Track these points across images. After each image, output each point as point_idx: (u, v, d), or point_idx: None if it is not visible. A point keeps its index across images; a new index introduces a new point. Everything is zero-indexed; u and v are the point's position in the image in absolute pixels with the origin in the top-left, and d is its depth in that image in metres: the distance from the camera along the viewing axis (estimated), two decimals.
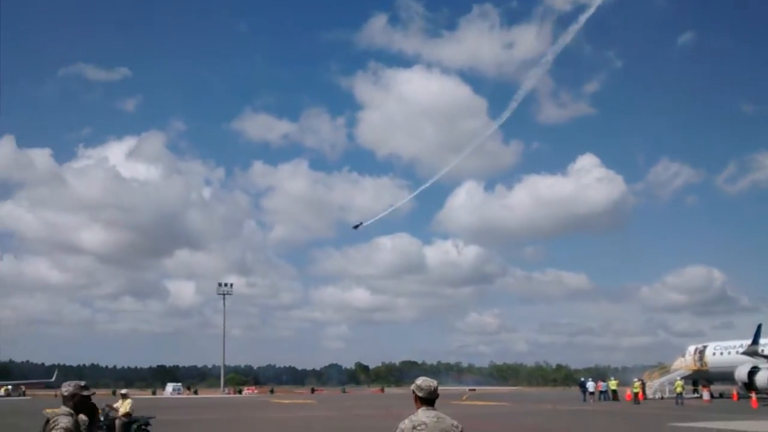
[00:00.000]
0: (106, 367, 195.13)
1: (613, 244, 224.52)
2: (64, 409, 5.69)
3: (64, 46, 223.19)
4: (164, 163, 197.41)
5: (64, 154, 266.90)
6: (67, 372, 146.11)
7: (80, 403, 5.80)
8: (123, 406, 18.42)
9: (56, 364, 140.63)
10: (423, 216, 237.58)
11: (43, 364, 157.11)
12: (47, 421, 5.60)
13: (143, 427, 18.52)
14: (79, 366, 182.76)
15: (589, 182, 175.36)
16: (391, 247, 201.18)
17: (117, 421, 17.95)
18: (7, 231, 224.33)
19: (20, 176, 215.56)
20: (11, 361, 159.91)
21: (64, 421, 5.51)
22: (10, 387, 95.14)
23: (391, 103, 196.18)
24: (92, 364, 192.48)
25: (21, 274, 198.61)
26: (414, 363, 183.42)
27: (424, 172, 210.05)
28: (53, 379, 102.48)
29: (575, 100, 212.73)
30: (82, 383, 5.96)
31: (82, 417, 5.83)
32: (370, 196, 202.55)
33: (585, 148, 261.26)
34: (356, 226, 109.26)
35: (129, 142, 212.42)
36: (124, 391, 19.98)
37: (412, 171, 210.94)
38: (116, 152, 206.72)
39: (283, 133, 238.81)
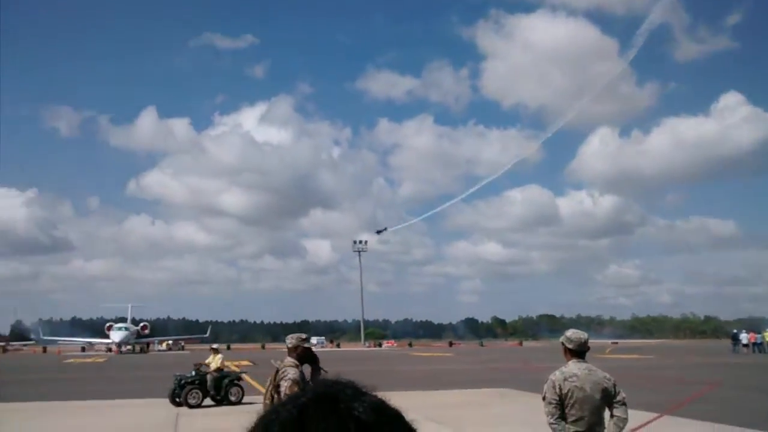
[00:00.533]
0: (254, 322, 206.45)
1: (763, 187, 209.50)
2: (290, 360, 6.30)
3: (191, 17, 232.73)
4: (294, 126, 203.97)
5: (201, 122, 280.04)
6: (220, 328, 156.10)
7: (303, 354, 6.36)
8: (214, 362, 18.78)
9: (209, 320, 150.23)
10: (554, 166, 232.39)
11: (197, 320, 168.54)
12: (277, 371, 6.20)
13: (235, 381, 18.63)
14: (230, 322, 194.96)
15: (734, 122, 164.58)
16: (521, 199, 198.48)
17: (208, 377, 18.26)
18: (156, 198, 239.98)
19: (163, 145, 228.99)
20: (169, 318, 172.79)
21: (292, 373, 6.10)
22: (170, 342, 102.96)
23: (515, 50, 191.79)
24: (241, 320, 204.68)
25: (171, 238, 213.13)
26: (552, 317, 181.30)
27: (552, 121, 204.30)
28: (207, 335, 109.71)
29: (715, 35, 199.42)
30: (303, 336, 6.54)
31: (305, 367, 6.36)
32: (497, 148, 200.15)
33: (728, 86, 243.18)
34: (379, 231, 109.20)
35: (260, 108, 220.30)
36: (215, 346, 20.25)
37: (539, 120, 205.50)
38: (249, 118, 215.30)
39: (407, 89, 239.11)
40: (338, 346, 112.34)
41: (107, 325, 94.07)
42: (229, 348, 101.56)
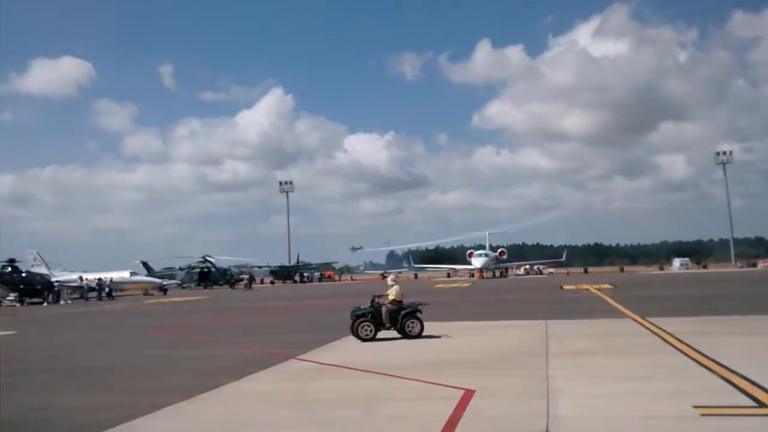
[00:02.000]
0: (609, 245, 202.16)
1: None
2: None
3: None
4: (632, 34, 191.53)
5: (535, 47, 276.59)
6: (574, 252, 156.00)
7: None
8: (391, 293, 17.98)
9: (564, 244, 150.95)
10: None
11: (551, 245, 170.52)
12: None
13: (416, 313, 17.82)
14: (584, 245, 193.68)
15: None
16: None
17: (383, 309, 17.70)
18: (499, 128, 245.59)
19: (501, 75, 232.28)
20: (524, 244, 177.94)
21: None
22: (527, 266, 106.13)
23: None
24: (595, 244, 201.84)
25: (517, 166, 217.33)
26: None
27: None
28: (563, 259, 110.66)
29: None
30: None
31: None
32: None
33: None
34: (355, 249, 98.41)
35: (594, 22, 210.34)
36: (391, 277, 19.21)
37: None
38: (583, 34, 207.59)
39: None
40: (705, 267, 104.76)
41: (468, 252, 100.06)
42: (586, 272, 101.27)
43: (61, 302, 54.46)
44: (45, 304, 52.55)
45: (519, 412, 8.76)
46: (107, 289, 59.50)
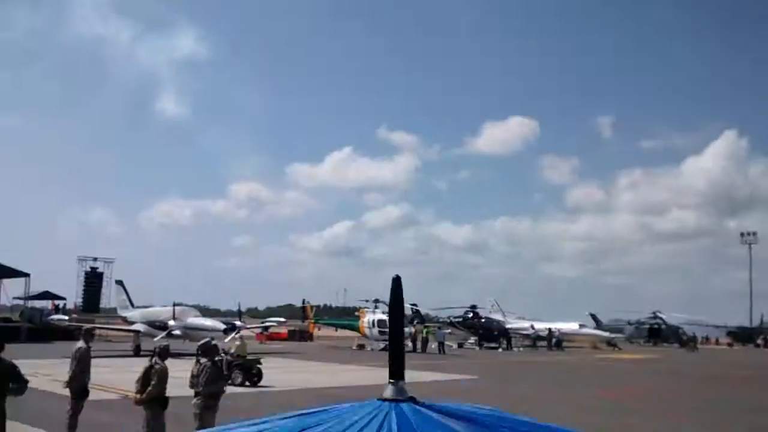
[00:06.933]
0: None
1: None
2: None
3: None
4: None
5: None
6: None
7: None
8: (234, 347, 23.01)
9: None
10: None
11: None
12: None
13: (246, 367, 21.98)
14: None
15: None
16: None
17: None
18: None
19: None
20: None
21: None
22: None
23: None
24: None
25: None
26: None
27: None
28: None
29: None
30: None
31: None
32: None
33: None
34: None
35: None
36: (238, 335, 26.54)
37: None
38: None
39: None
40: None
41: None
42: None
43: (514, 349, 57.09)
44: (500, 350, 55.56)
45: None
46: (556, 340, 60.55)
